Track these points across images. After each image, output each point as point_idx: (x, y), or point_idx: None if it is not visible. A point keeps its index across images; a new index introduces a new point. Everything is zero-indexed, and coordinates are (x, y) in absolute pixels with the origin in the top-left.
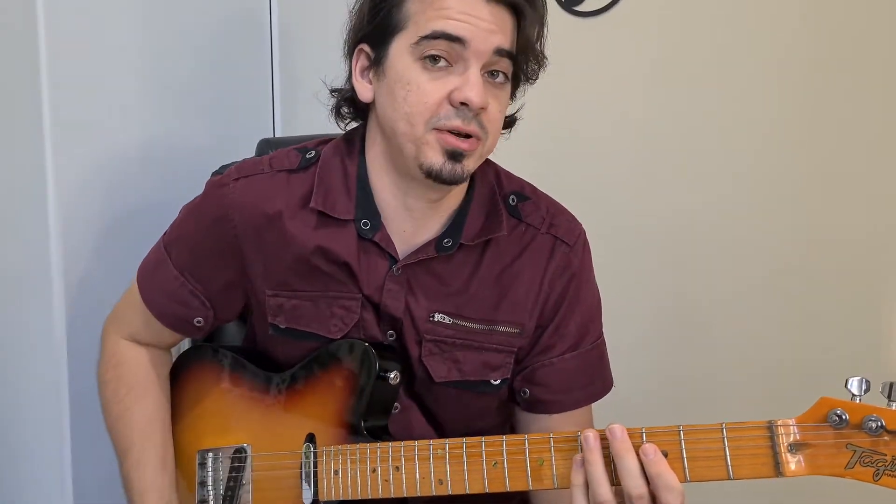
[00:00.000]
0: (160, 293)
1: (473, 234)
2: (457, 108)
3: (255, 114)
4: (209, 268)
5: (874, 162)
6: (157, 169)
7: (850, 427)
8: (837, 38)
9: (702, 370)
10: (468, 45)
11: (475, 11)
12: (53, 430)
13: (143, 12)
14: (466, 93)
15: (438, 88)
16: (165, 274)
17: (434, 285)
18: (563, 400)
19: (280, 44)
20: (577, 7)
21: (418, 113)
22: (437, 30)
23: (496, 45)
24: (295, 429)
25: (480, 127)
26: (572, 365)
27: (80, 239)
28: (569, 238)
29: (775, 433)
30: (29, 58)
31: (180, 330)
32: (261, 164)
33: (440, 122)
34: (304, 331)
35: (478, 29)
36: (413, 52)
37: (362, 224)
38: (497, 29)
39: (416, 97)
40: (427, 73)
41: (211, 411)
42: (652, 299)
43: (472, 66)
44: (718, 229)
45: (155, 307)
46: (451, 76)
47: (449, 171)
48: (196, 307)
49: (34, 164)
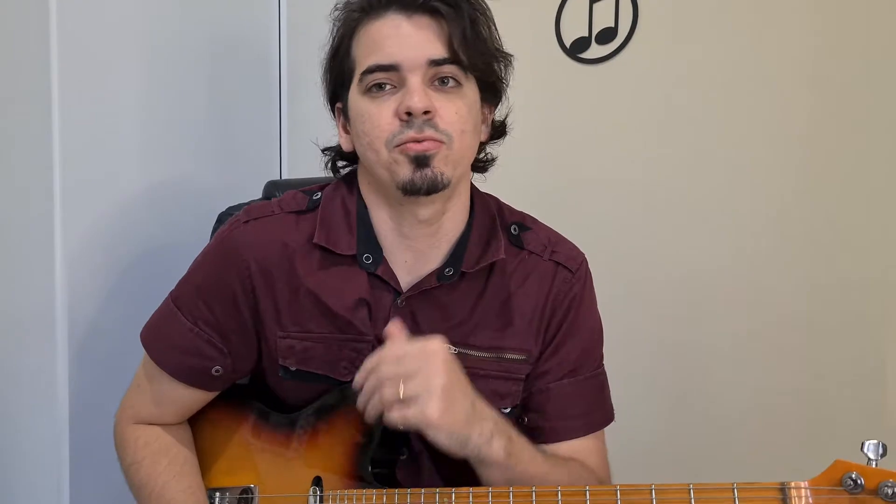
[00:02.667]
0: (173, 350)
1: (474, 260)
2: (406, 121)
3: (263, 156)
4: (224, 314)
5: (877, 213)
6: (164, 210)
7: (866, 492)
8: (846, 92)
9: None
10: (401, 67)
11: (399, 31)
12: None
13: (152, 56)
14: (406, 102)
15: (386, 110)
16: (177, 328)
17: (438, 317)
18: (560, 427)
19: (288, 87)
20: (581, 54)
21: (376, 138)
22: (370, 64)
23: (427, 57)
24: (302, 472)
25: (437, 130)
26: (569, 391)
27: (86, 281)
28: (571, 264)
29: (788, 495)
30: (41, 100)
31: (198, 383)
32: (270, 206)
33: (396, 139)
34: (314, 373)
35: (405, 48)
36: (360, 88)
37: (364, 258)
38: (425, 41)
39: (370, 125)
40: (373, 101)
41: (219, 450)
42: (658, 341)
43: (410, 80)
44: (720, 277)
45: (168, 365)
46: (395, 95)
47: (420, 178)
48: (213, 356)
49: (42, 205)
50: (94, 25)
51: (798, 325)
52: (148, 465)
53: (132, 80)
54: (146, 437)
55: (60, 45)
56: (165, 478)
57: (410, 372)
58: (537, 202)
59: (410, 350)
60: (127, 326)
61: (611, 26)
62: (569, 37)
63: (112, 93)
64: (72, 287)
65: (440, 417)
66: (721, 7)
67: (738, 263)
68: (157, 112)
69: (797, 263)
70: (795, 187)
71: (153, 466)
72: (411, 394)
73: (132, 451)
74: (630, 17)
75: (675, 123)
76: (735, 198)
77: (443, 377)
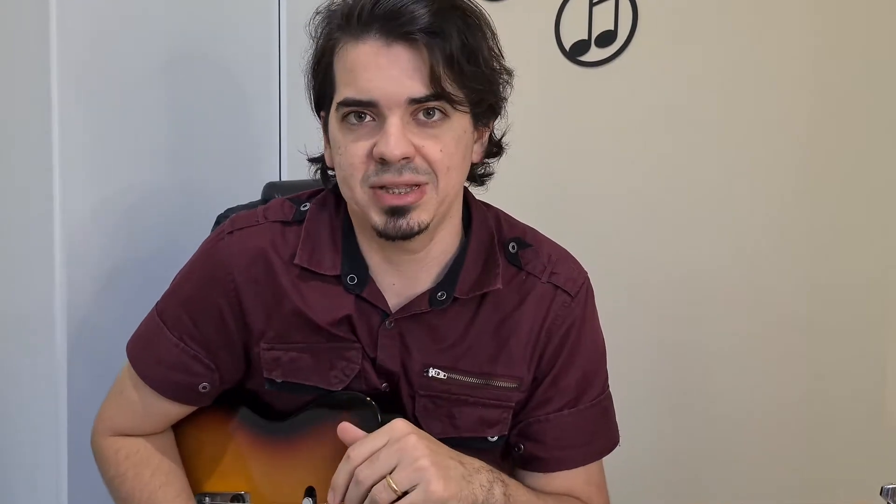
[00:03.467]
0: (158, 365)
1: (468, 287)
2: (380, 164)
3: (262, 157)
4: (209, 328)
5: (877, 213)
6: (163, 211)
7: None
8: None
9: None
10: (378, 105)
11: (379, 64)
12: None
13: (151, 57)
14: (381, 148)
15: (361, 148)
16: (162, 343)
17: (428, 340)
18: (559, 458)
19: (288, 88)
20: (581, 57)
21: (350, 175)
22: (347, 97)
23: (406, 95)
24: (295, 480)
25: (417, 172)
26: (570, 422)
27: (85, 281)
28: (570, 287)
29: None
30: (40, 101)
31: (184, 399)
32: (255, 216)
33: (370, 180)
34: (302, 384)
35: (382, 82)
36: (336, 116)
37: (349, 280)
38: (404, 76)
39: (345, 160)
40: (350, 133)
41: (208, 455)
42: (654, 346)
43: (387, 119)
44: (721, 278)
45: (153, 380)
46: (371, 130)
47: (394, 229)
48: (199, 372)
49: (41, 206)
50: (93, 26)
51: (798, 325)
52: (132, 476)
53: (131, 81)
54: (127, 450)
55: (60, 46)
56: (152, 488)
57: (392, 465)
58: (536, 206)
59: (378, 444)
60: (126, 327)
61: (610, 29)
62: (568, 39)
63: (111, 95)
64: (71, 287)
65: (445, 490)
66: (721, 9)
67: (739, 264)
68: (155, 113)
69: (797, 264)
70: (795, 188)
71: (137, 478)
72: (407, 484)
73: (114, 464)
74: (630, 19)
75: (675, 125)
76: (735, 199)
77: (426, 454)
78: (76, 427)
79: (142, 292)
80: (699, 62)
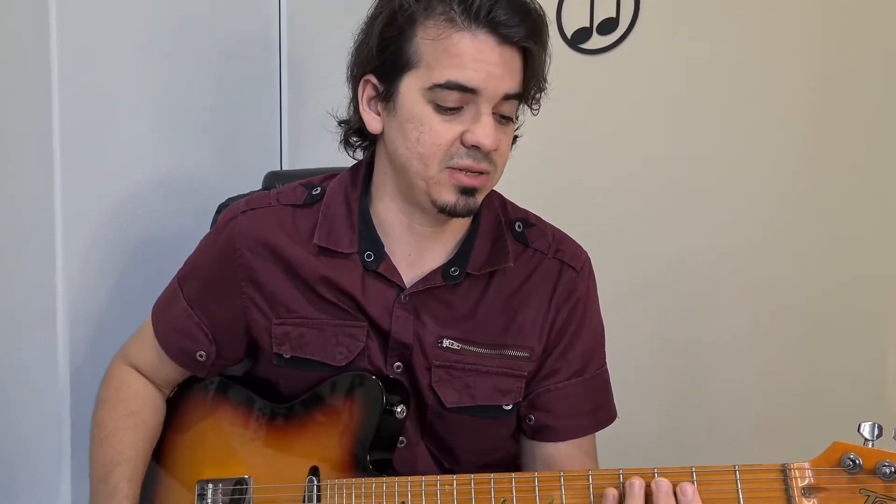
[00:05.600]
0: (170, 328)
1: (479, 263)
2: (468, 149)
3: (263, 147)
4: (215, 300)
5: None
6: (165, 202)
7: (864, 472)
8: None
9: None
10: (480, 94)
11: (487, 58)
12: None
13: (152, 47)
14: (480, 138)
15: (451, 130)
16: (176, 308)
17: (442, 311)
18: (568, 426)
19: (289, 77)
20: (583, 45)
21: (432, 154)
22: (451, 80)
23: (505, 91)
24: (297, 461)
25: (491, 163)
26: (577, 391)
27: (85, 271)
28: (575, 263)
29: (789, 476)
30: (41, 92)
31: (184, 364)
32: (268, 197)
33: (453, 161)
34: (308, 359)
35: (489, 76)
36: (426, 94)
37: (366, 256)
38: (507, 74)
39: (429, 138)
40: (440, 115)
41: (212, 441)
42: (658, 335)
43: (483, 112)
44: (726, 266)
45: (164, 341)
46: (463, 117)
47: (463, 206)
48: (200, 340)
49: (43, 196)
50: (94, 18)
51: (799, 318)
52: (110, 407)
53: (133, 72)
54: (124, 381)
55: (60, 38)
56: (118, 425)
57: None
58: (536, 194)
59: None
60: (128, 318)
61: (612, 17)
62: (570, 27)
63: (113, 86)
64: (72, 277)
65: None
66: None
67: (740, 255)
68: (157, 104)
69: (799, 256)
70: (798, 178)
71: (113, 412)
72: None
73: (105, 388)
74: (632, 7)
75: (677, 114)
76: (737, 189)
77: None
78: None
79: (144, 281)
80: (702, 50)
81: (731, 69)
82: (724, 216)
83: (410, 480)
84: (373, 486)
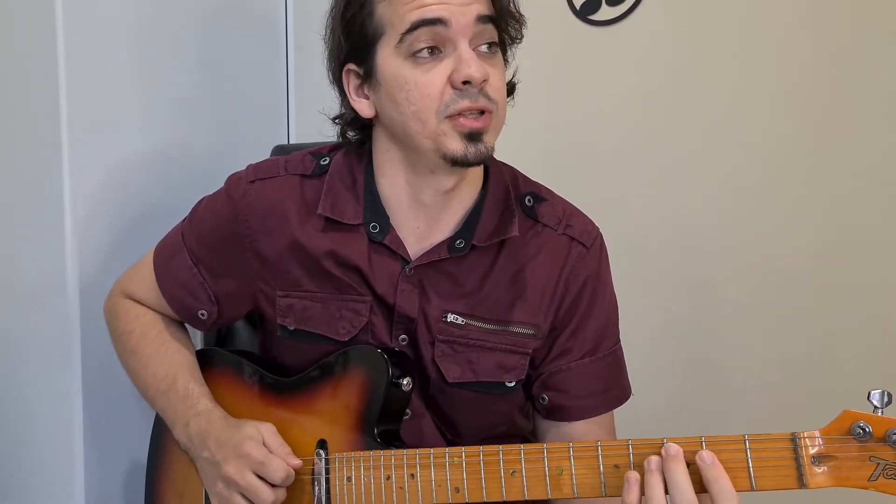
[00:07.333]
0: (174, 280)
1: (486, 235)
2: (461, 90)
3: (270, 120)
4: (220, 264)
5: (888, 174)
6: (172, 175)
7: (874, 440)
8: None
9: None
10: (450, 25)
11: None
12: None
13: (159, 20)
14: (465, 70)
15: (436, 77)
16: (181, 262)
17: (447, 285)
18: (583, 406)
19: (295, 50)
20: (592, 16)
21: (425, 107)
22: (414, 20)
23: (476, 13)
24: (305, 434)
25: (489, 99)
26: (590, 370)
27: (95, 246)
28: (585, 239)
29: (799, 445)
30: (47, 66)
31: (186, 319)
32: (277, 166)
33: (449, 109)
34: (312, 332)
35: (452, 5)
36: (399, 51)
37: (371, 227)
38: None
39: (417, 93)
40: (419, 67)
41: None
42: (665, 311)
43: (460, 44)
44: (733, 240)
45: (167, 292)
46: (444, 61)
47: (473, 153)
48: (203, 300)
49: (51, 171)
50: None
51: (808, 289)
52: (139, 334)
53: (137, 44)
54: (136, 311)
55: (65, 9)
56: (156, 345)
57: None
58: (545, 166)
59: None
60: None
61: None
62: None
63: (117, 58)
64: (82, 254)
65: None
66: None
67: (747, 228)
68: (162, 77)
69: (806, 228)
70: (805, 151)
71: (144, 336)
72: None
73: (124, 321)
74: None
75: (686, 86)
76: (744, 162)
77: None
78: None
79: None
80: (711, 22)
81: (739, 41)
82: (731, 188)
83: (419, 452)
84: (381, 458)
